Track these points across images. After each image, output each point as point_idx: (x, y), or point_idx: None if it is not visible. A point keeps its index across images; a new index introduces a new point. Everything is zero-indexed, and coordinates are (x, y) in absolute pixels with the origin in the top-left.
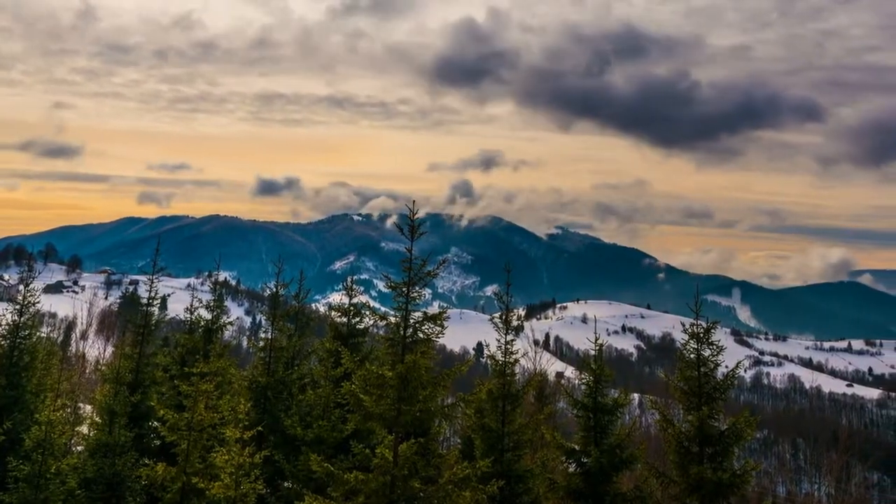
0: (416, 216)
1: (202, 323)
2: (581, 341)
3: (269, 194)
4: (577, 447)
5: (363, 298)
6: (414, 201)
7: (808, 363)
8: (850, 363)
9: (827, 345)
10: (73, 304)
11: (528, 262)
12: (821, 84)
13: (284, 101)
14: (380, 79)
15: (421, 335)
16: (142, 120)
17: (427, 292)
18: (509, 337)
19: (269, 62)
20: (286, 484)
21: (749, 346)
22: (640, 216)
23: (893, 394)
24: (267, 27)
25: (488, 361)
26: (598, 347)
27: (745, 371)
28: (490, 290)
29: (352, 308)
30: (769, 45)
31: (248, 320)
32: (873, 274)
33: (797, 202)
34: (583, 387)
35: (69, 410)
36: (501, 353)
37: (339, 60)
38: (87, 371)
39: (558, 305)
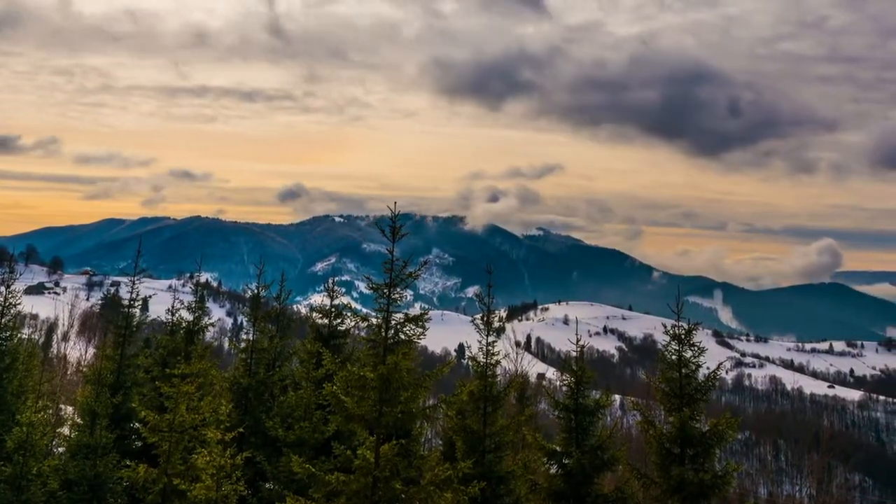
0: (397, 217)
1: (183, 324)
2: (562, 342)
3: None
4: (558, 448)
5: (345, 300)
6: (396, 203)
7: (789, 364)
8: (831, 364)
9: (808, 346)
10: (55, 305)
11: (510, 264)
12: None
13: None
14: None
15: (402, 336)
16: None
17: (408, 294)
18: (491, 338)
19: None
20: (267, 485)
21: (730, 347)
22: (621, 217)
23: (875, 395)
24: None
25: (470, 363)
26: (579, 349)
27: (727, 372)
28: (471, 291)
29: (333, 309)
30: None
31: (229, 322)
32: (855, 275)
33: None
34: (564, 388)
35: (50, 412)
36: (483, 354)
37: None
38: (69, 372)
39: (540, 307)
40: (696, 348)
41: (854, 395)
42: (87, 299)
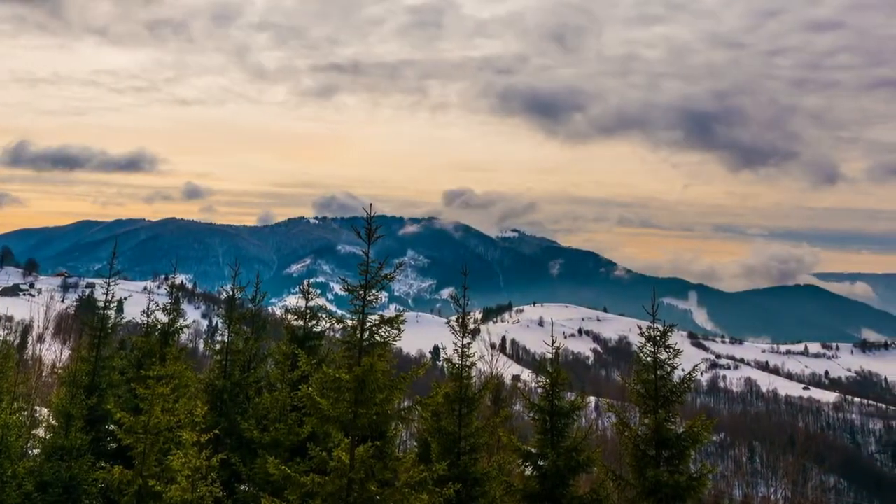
0: (372, 219)
1: (159, 326)
2: (538, 344)
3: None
4: (533, 450)
5: (320, 301)
6: (371, 204)
7: (764, 366)
8: (806, 366)
9: (783, 348)
10: (30, 307)
11: (485, 265)
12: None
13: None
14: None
15: (377, 338)
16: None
17: (383, 295)
18: (466, 340)
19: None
20: (243, 487)
21: (706, 349)
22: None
23: (850, 397)
24: None
25: (445, 364)
26: (554, 350)
27: (702, 374)
28: (446, 292)
29: (308, 311)
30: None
31: (204, 323)
32: (829, 277)
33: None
34: (539, 390)
35: (26, 414)
36: (458, 356)
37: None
38: (44, 374)
39: (515, 308)
40: (671, 350)
41: (829, 396)
42: (63, 301)
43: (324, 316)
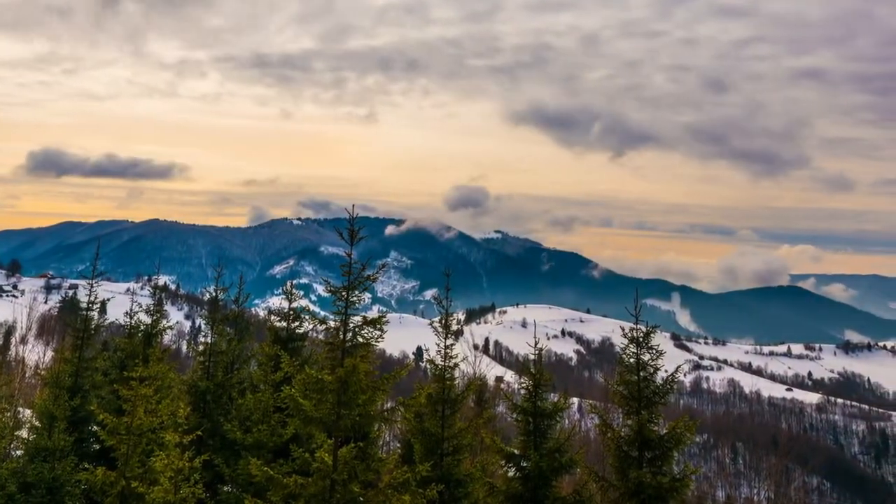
0: (355, 220)
1: (142, 327)
2: (521, 345)
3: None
4: (516, 451)
5: (303, 303)
6: (353, 205)
7: (747, 367)
8: (789, 367)
9: (767, 349)
10: (13, 308)
11: (468, 267)
12: None
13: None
14: None
15: (360, 339)
16: None
17: (367, 296)
18: (449, 341)
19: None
20: (226, 488)
21: (689, 350)
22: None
23: (833, 398)
24: None
25: (428, 366)
26: (537, 352)
27: (685, 375)
28: (430, 294)
29: (291, 312)
30: None
31: (187, 324)
32: (812, 278)
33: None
34: (522, 391)
35: (8, 415)
36: (441, 357)
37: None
38: (27, 375)
39: (498, 310)
40: (654, 351)
41: (812, 397)
42: (46, 302)
43: (307, 317)
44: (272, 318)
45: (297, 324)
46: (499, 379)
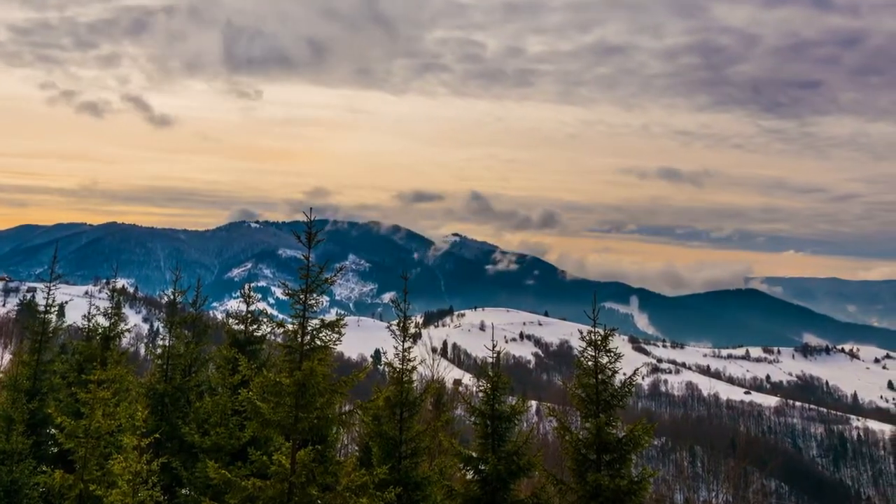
0: (313, 223)
1: (100, 330)
2: (479, 348)
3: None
4: (474, 454)
5: (261, 306)
6: (311, 208)
7: (706, 370)
8: (747, 370)
9: (725, 352)
10: None
11: (426, 270)
12: None
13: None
14: None
15: (318, 342)
16: None
17: (325, 299)
18: (407, 344)
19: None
20: (184, 491)
21: (647, 353)
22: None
23: (791, 401)
24: None
25: (386, 369)
26: (495, 354)
27: (643, 378)
28: (388, 297)
29: (249, 315)
30: None
31: (145, 327)
32: (770, 281)
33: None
34: (480, 394)
35: None
36: (399, 360)
37: None
38: None
39: (456, 313)
40: (612, 354)
41: (770, 400)
42: (3, 305)
43: (265, 320)
44: (230, 321)
45: (255, 327)
46: (457, 382)
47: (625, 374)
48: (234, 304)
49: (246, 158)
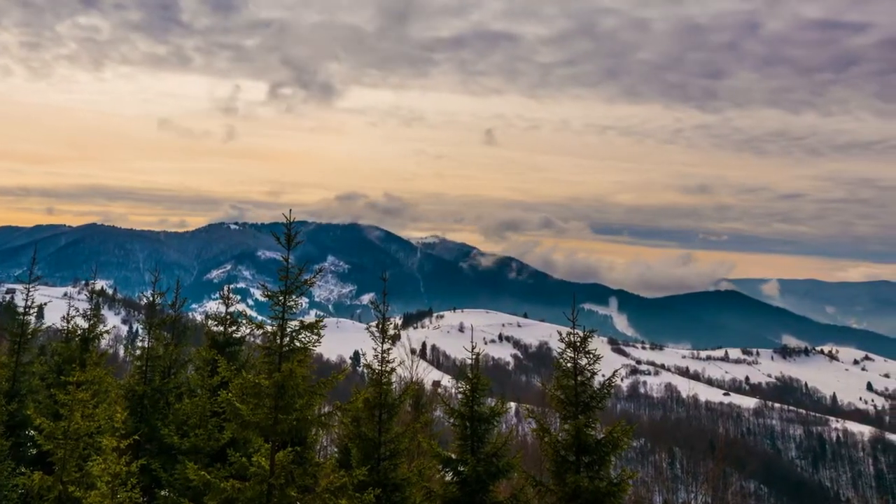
0: (292, 224)
1: (79, 332)
2: (458, 350)
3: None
4: (453, 456)
5: (240, 307)
6: (290, 210)
7: (685, 372)
8: (727, 372)
9: (704, 354)
10: None
11: (405, 271)
12: None
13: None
14: None
15: (298, 344)
16: None
17: (304, 301)
18: (386, 346)
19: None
20: (163, 493)
21: (626, 354)
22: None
23: (770, 402)
24: None
25: (365, 370)
26: (474, 356)
27: (622, 380)
28: (367, 298)
29: (228, 317)
30: None
31: (124, 329)
32: (749, 283)
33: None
34: (459, 395)
35: None
36: (378, 361)
37: None
38: None
39: (435, 314)
40: (591, 356)
41: (749, 402)
42: None
43: (244, 321)
44: (209, 322)
45: (234, 328)
46: (436, 383)
47: (604, 375)
48: (214, 306)
49: (226, 159)
